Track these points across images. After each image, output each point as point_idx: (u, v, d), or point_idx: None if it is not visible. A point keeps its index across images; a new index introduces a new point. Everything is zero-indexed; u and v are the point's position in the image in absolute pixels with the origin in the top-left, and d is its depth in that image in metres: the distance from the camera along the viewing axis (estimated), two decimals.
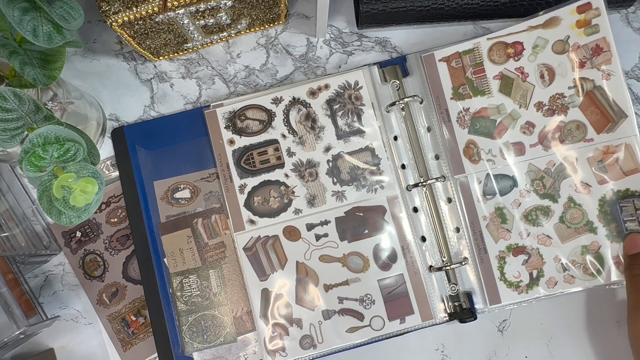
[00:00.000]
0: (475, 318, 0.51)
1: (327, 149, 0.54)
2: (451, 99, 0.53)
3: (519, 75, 0.52)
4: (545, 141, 0.52)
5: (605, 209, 0.51)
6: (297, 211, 0.53)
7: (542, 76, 0.52)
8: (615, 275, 0.50)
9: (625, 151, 0.50)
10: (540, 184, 0.52)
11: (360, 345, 0.52)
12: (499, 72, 0.52)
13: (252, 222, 0.53)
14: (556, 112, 0.51)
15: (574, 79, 0.51)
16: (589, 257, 0.51)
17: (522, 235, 0.51)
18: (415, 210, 0.53)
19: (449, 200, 0.53)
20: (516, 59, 0.52)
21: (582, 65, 0.51)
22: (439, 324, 0.52)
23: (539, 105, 0.52)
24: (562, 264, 0.51)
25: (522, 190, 0.52)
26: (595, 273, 0.50)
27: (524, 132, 0.52)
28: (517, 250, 0.51)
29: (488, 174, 0.52)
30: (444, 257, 0.52)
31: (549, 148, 0.52)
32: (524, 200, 0.52)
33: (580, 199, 0.51)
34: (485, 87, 0.53)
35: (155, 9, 0.45)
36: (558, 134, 0.51)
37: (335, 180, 0.54)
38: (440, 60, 0.53)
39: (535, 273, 0.51)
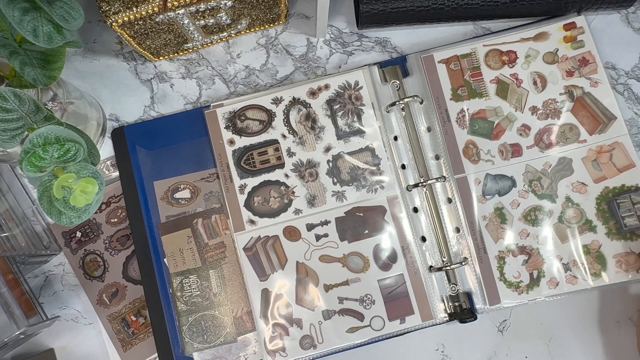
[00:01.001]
0: (475, 318, 0.51)
1: (327, 149, 0.54)
2: (450, 99, 0.54)
3: (514, 81, 0.54)
4: (541, 143, 0.53)
5: (602, 207, 0.51)
6: (297, 211, 0.53)
7: (535, 83, 0.54)
8: (617, 274, 0.50)
9: (618, 149, 0.52)
10: (538, 184, 0.52)
11: (361, 346, 0.52)
12: (495, 77, 0.54)
13: (252, 222, 0.53)
14: (550, 116, 0.53)
15: (565, 86, 0.54)
16: (590, 257, 0.51)
17: (522, 235, 0.52)
18: (416, 210, 0.53)
19: (449, 200, 0.53)
20: (510, 66, 0.54)
21: (570, 74, 0.54)
22: (439, 324, 0.52)
23: (534, 109, 0.53)
24: (563, 264, 0.51)
25: (520, 191, 0.52)
26: (597, 273, 0.51)
27: (521, 134, 0.53)
28: (517, 250, 0.51)
29: (487, 174, 0.53)
30: (444, 257, 0.53)
31: (545, 149, 0.52)
32: (523, 201, 0.52)
33: (577, 198, 0.52)
34: (483, 89, 0.54)
35: (155, 9, 0.45)
36: (553, 136, 0.53)
37: (335, 180, 0.54)
38: (439, 62, 0.54)
39: (535, 273, 0.51)
